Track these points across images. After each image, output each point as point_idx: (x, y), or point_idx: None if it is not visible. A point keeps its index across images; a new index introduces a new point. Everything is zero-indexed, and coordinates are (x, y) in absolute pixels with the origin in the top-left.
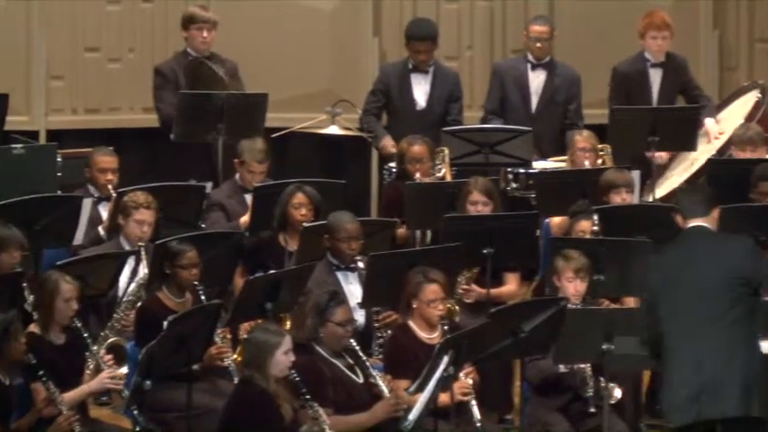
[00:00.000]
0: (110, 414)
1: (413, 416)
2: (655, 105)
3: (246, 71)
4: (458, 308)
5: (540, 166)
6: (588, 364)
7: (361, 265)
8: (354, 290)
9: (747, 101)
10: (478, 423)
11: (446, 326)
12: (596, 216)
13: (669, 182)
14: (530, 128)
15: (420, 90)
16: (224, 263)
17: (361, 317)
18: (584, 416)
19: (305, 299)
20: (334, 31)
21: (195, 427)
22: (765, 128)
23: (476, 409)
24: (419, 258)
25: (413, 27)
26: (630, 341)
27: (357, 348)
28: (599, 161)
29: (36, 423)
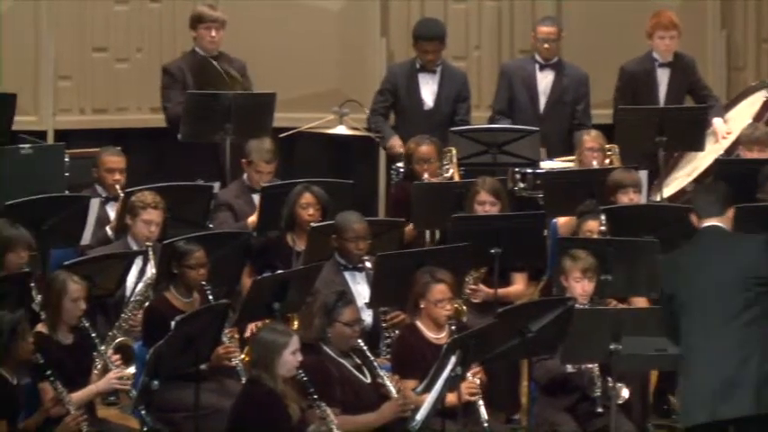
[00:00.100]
0: (117, 414)
1: (420, 416)
2: (662, 105)
3: (254, 71)
4: (465, 308)
5: (548, 166)
6: (596, 365)
7: (369, 265)
8: (362, 290)
9: (755, 101)
10: (486, 423)
11: (453, 326)
12: (604, 216)
13: (676, 182)
14: (537, 128)
15: (428, 90)
16: (232, 263)
17: (368, 317)
18: (591, 416)
19: (313, 299)
20: (342, 32)
21: (203, 427)
22: None
23: (483, 410)
24: (427, 258)
25: (420, 27)
26: (638, 341)
27: (365, 348)
28: (607, 161)
29: (44, 423)
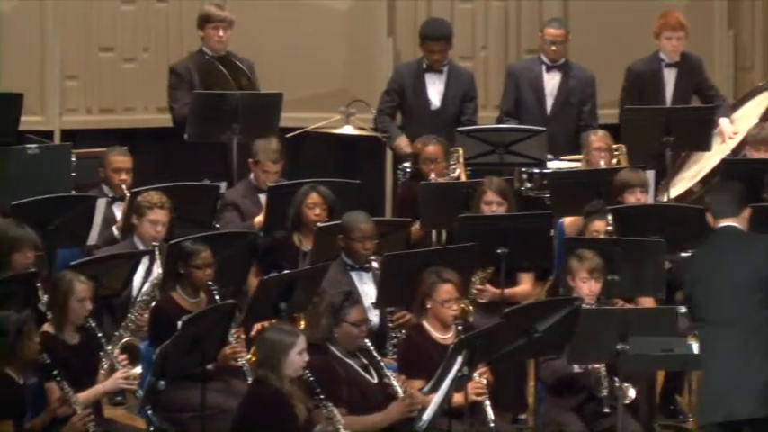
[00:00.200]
0: (124, 414)
1: (427, 416)
2: (669, 105)
3: (261, 71)
4: (472, 308)
5: (555, 166)
6: (602, 365)
7: (376, 265)
8: (369, 290)
9: (762, 101)
10: (492, 423)
11: (460, 326)
12: (610, 216)
13: (683, 182)
14: (544, 128)
15: (434, 90)
16: (238, 263)
17: (375, 317)
18: (598, 416)
19: (319, 299)
20: (349, 32)
21: (209, 426)
22: None
23: (489, 410)
24: (433, 258)
25: (427, 27)
26: (645, 341)
27: (371, 348)
28: (614, 161)
29: (50, 423)
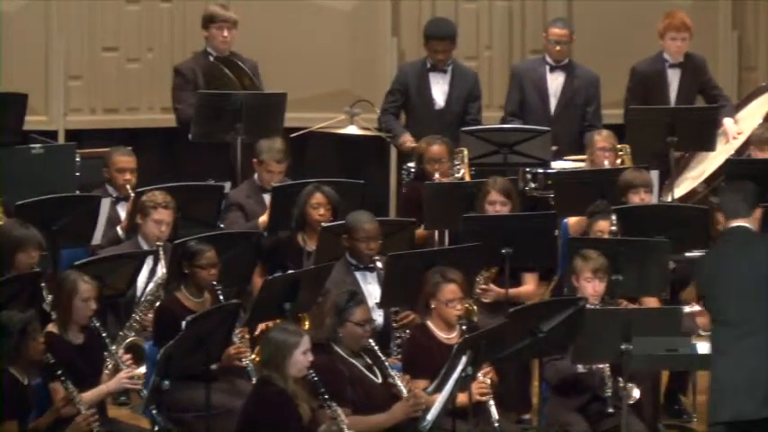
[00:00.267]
0: (128, 414)
1: (431, 416)
2: (673, 105)
3: (265, 71)
4: (476, 308)
5: (559, 166)
6: (607, 365)
7: (380, 264)
8: (373, 290)
9: (766, 101)
10: (496, 423)
11: (464, 326)
12: (615, 216)
13: (687, 182)
14: (548, 128)
15: (438, 90)
16: (242, 263)
17: (379, 317)
18: (602, 416)
19: (324, 299)
20: (353, 31)
21: (213, 426)
22: None
23: (494, 409)
24: (438, 258)
25: (431, 27)
26: (649, 341)
27: (376, 348)
28: (618, 161)
29: (54, 423)
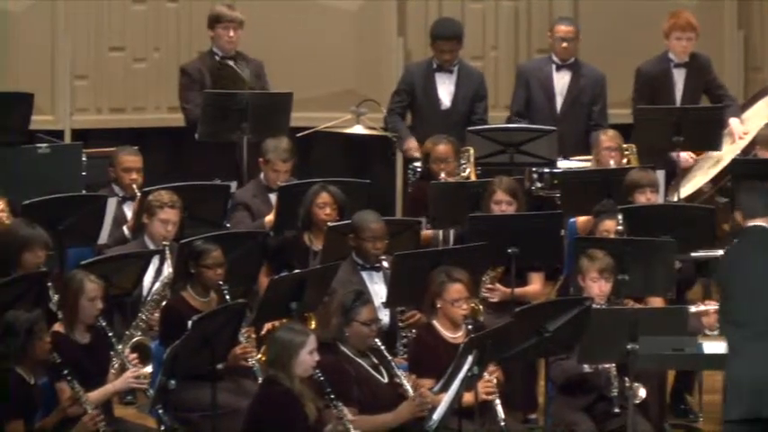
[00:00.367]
0: (135, 413)
1: (437, 415)
2: (678, 105)
3: (271, 70)
4: (482, 307)
5: (565, 165)
6: (613, 364)
7: (386, 264)
8: (379, 289)
9: None
10: (502, 422)
11: (470, 325)
12: (621, 216)
13: (693, 182)
14: (554, 127)
15: (445, 90)
16: (249, 262)
17: (385, 316)
18: (608, 416)
19: (330, 298)
20: (359, 31)
21: (219, 426)
22: None
23: (500, 409)
24: (444, 258)
25: (438, 26)
26: (655, 341)
27: (382, 348)
28: (624, 161)
29: (61, 422)
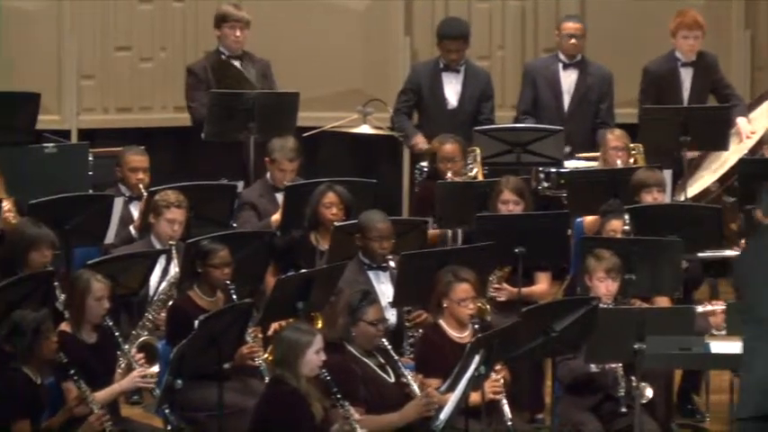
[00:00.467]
0: (141, 413)
1: (444, 415)
2: (686, 105)
3: (278, 70)
4: (488, 307)
5: (572, 165)
6: (620, 364)
7: (393, 264)
8: (386, 289)
9: None
10: (509, 422)
11: (477, 325)
12: (628, 215)
13: (700, 182)
14: (561, 127)
15: (451, 89)
16: (255, 262)
17: (392, 316)
18: (615, 416)
19: (336, 298)
20: (366, 31)
21: (226, 426)
22: None
23: (507, 409)
24: (450, 258)
25: (444, 26)
26: (662, 340)
27: (389, 347)
28: (631, 160)
29: (67, 422)
